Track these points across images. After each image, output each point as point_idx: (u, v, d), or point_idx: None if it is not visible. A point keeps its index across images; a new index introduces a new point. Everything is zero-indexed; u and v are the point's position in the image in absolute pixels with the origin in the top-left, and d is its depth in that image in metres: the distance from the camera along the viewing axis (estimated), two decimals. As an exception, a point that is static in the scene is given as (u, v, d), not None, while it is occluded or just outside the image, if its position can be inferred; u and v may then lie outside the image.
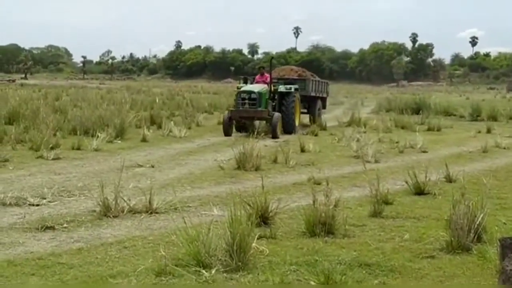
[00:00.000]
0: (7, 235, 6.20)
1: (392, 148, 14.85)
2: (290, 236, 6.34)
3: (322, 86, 23.18)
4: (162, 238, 6.14)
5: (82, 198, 8.20)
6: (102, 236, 6.27)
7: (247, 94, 17.74)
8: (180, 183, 9.68)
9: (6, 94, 30.05)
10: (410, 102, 31.30)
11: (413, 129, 19.30)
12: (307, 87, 21.09)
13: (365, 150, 13.10)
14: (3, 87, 44.70)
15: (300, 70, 23.25)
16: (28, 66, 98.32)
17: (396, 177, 10.40)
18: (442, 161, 11.12)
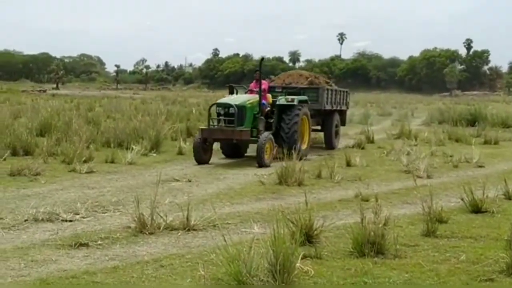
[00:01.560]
0: (40, 252, 6.32)
1: (445, 163, 14.66)
2: (336, 256, 6.31)
3: (340, 97, 19.24)
4: (201, 256, 6.17)
5: (116, 214, 8.32)
6: (137, 254, 6.34)
7: (223, 108, 14.34)
8: (219, 198, 9.73)
9: (37, 104, 30.70)
10: (464, 113, 30.85)
11: (469, 142, 19.05)
12: (320, 98, 17.40)
13: (417, 165, 12.96)
14: (34, 97, 45.72)
15: (312, 76, 19.32)
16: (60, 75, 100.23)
17: (451, 194, 10.27)
18: (500, 176, 10.94)
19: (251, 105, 14.53)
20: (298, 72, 20.29)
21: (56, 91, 70.63)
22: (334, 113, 18.69)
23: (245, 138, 14.22)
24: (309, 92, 17.17)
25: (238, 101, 14.38)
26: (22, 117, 22.46)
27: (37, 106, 28.05)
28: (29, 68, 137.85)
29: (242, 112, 14.25)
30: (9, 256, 6.10)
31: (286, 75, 20.03)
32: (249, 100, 14.64)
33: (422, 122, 31.37)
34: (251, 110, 14.53)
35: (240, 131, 14.04)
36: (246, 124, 14.30)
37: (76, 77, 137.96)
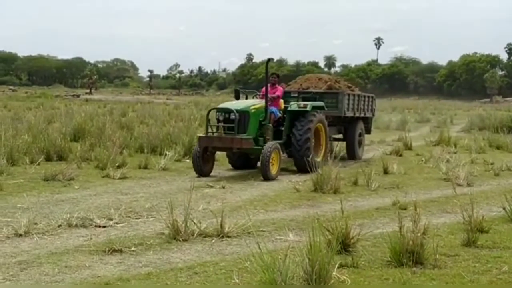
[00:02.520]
0: (73, 257, 6.39)
1: (486, 171, 14.47)
2: (374, 265, 6.26)
3: (364, 103, 17.81)
4: (235, 264, 6.19)
5: (150, 220, 8.38)
6: (171, 261, 6.38)
7: (222, 114, 13.19)
8: (253, 205, 9.75)
9: (71, 109, 31.13)
10: (505, 119, 30.40)
11: (510, 150, 18.78)
12: (340, 104, 16.06)
13: (456, 172, 12.81)
14: (67, 102, 46.37)
15: (332, 80, 17.55)
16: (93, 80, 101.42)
17: (492, 203, 10.13)
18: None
19: (255, 111, 13.33)
20: (317, 75, 18.74)
21: (89, 96, 71.48)
22: (357, 121, 17.42)
23: (247, 146, 12.92)
24: (327, 98, 16.05)
25: (240, 106, 13.26)
26: (56, 122, 22.78)
27: (71, 111, 28.44)
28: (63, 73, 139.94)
29: (245, 118, 13.05)
30: (43, 262, 6.18)
31: (303, 78, 18.39)
32: (254, 105, 13.50)
33: (461, 129, 31.03)
34: (255, 116, 13.32)
35: (241, 139, 12.74)
36: (249, 132, 13.05)
37: (109, 82, 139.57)
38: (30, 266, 6.02)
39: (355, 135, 17.23)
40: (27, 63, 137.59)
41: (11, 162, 12.87)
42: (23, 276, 5.70)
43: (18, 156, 13.44)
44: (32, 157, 13.56)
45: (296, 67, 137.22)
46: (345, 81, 18.73)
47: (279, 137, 13.95)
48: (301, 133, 13.79)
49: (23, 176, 11.79)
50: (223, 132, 12.91)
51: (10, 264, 6.06)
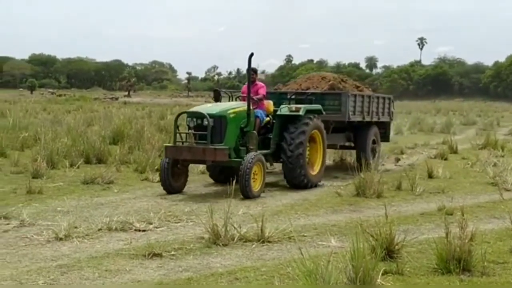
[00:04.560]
0: (114, 261, 6.46)
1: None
2: (419, 272, 6.18)
3: (378, 105, 15.67)
4: (276, 269, 6.17)
5: (189, 224, 8.43)
6: (211, 266, 6.40)
7: (194, 119, 11.10)
8: (294, 210, 9.73)
9: (109, 112, 31.52)
10: (556, 121, 29.80)
11: (561, 153, 18.35)
12: (343, 107, 13.86)
13: (504, 177, 12.61)
14: (106, 105, 46.98)
15: (337, 79, 15.40)
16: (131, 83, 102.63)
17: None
18: None
19: (235, 116, 11.23)
20: (321, 74, 16.23)
21: (127, 99, 72.32)
22: (370, 126, 15.36)
23: (221, 159, 10.78)
24: (329, 99, 13.99)
25: (215, 110, 11.14)
26: (95, 125, 23.10)
27: (110, 114, 28.80)
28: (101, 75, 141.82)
29: (221, 125, 10.98)
30: (83, 266, 6.26)
31: (304, 78, 16.29)
32: (233, 108, 11.38)
33: (509, 132, 30.49)
34: (235, 122, 11.23)
35: (214, 149, 10.64)
36: (227, 141, 10.98)
37: (147, 85, 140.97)
38: (71, 270, 6.10)
39: (367, 142, 15.15)
40: (66, 65, 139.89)
41: (51, 165, 13.08)
42: (64, 280, 5.78)
43: (57, 159, 13.65)
44: (71, 160, 13.78)
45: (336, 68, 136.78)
46: (355, 81, 16.75)
47: (266, 146, 12.03)
48: (293, 136, 11.85)
49: (62, 179, 11.97)
50: (193, 142, 10.85)
51: (51, 268, 6.16)
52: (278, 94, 14.22)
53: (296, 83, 15.92)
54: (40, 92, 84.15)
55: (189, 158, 10.95)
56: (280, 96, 13.89)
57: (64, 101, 54.09)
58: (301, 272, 5.36)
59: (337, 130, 14.51)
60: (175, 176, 11.11)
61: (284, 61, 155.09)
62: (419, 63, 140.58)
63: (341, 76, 16.18)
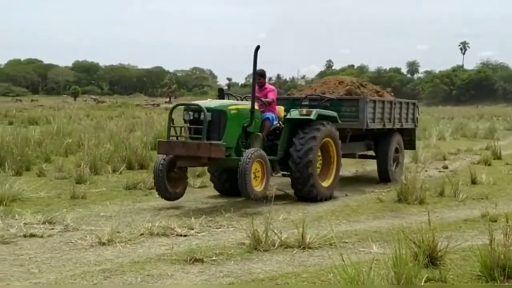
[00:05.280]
0: (156, 266, 6.52)
1: None
2: (462, 279, 6.10)
3: (401, 111, 14.58)
4: (318, 276, 6.15)
5: (230, 230, 8.46)
6: (252, 271, 6.41)
7: (190, 113, 10.33)
8: (334, 215, 9.69)
9: (151, 118, 31.82)
10: None
11: None
12: (361, 114, 12.82)
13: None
14: (148, 111, 47.43)
15: (356, 83, 14.37)
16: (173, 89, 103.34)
17: None
18: None
19: (236, 113, 10.42)
20: (338, 78, 15.13)
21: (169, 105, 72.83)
22: (392, 134, 14.32)
23: (217, 155, 9.88)
24: (346, 105, 12.99)
25: (214, 104, 10.40)
26: (137, 131, 23.33)
27: (151, 120, 29.05)
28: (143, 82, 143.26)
29: (220, 120, 10.19)
30: (126, 270, 6.33)
31: (320, 82, 15.25)
32: (235, 105, 10.64)
33: (555, 137, 29.89)
34: (236, 119, 10.40)
35: (210, 145, 9.78)
36: (226, 138, 10.14)
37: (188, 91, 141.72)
38: (114, 275, 6.17)
39: (389, 151, 14.09)
40: (109, 72, 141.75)
41: (94, 171, 13.27)
42: (107, 284, 5.85)
43: (100, 164, 13.84)
44: (114, 165, 13.96)
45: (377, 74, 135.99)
46: (375, 85, 15.47)
47: (274, 152, 11.10)
48: (302, 142, 10.87)
49: (105, 184, 12.13)
50: (188, 136, 10.07)
51: (94, 272, 6.24)
52: (291, 100, 13.26)
53: (311, 88, 14.79)
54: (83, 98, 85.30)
55: (182, 154, 10.00)
56: (293, 102, 12.87)
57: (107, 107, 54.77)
58: (343, 278, 5.33)
59: (356, 138, 13.63)
60: (171, 182, 10.22)
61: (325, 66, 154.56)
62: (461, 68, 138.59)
63: (360, 80, 15.25)
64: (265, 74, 11.78)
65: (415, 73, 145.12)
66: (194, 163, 10.53)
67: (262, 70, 11.56)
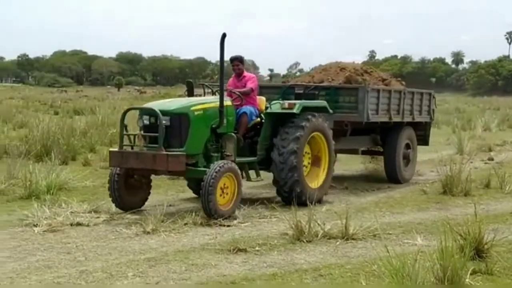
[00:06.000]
0: (200, 256, 6.57)
1: None
2: (509, 272, 6.00)
3: (413, 102, 13.01)
4: (361, 267, 6.13)
5: (273, 220, 8.47)
6: (295, 262, 6.41)
7: (142, 117, 8.95)
8: (378, 207, 9.64)
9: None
10: None
11: None
12: (360, 104, 11.33)
13: None
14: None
15: (359, 70, 12.78)
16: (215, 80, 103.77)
17: None
18: None
19: (200, 113, 8.91)
20: (340, 64, 13.23)
21: (211, 96, 73.10)
22: (402, 127, 12.79)
23: (175, 168, 8.52)
24: (344, 95, 11.54)
25: (174, 106, 8.88)
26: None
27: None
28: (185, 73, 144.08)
29: (180, 125, 8.72)
30: (170, 259, 6.40)
31: (319, 69, 13.68)
32: (200, 104, 9.07)
33: None
34: (201, 121, 8.91)
35: (166, 156, 8.37)
36: (189, 145, 8.70)
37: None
38: (158, 263, 6.24)
39: (398, 147, 12.53)
40: (152, 63, 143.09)
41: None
42: (152, 273, 5.92)
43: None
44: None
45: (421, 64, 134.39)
46: (382, 72, 14.08)
47: (254, 152, 9.78)
48: (284, 144, 9.52)
49: (149, 174, 12.22)
50: (142, 146, 8.70)
51: (139, 261, 6.32)
52: (285, 89, 11.83)
53: (309, 75, 13.51)
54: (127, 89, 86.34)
55: (137, 166, 8.64)
56: (286, 91, 11.57)
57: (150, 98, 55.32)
58: (387, 270, 5.30)
59: (359, 132, 12.22)
60: (130, 190, 8.96)
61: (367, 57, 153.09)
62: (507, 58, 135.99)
63: (365, 67, 13.49)
64: (243, 60, 10.22)
65: (460, 64, 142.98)
66: (153, 174, 9.14)
67: (240, 56, 10.11)
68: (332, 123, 10.64)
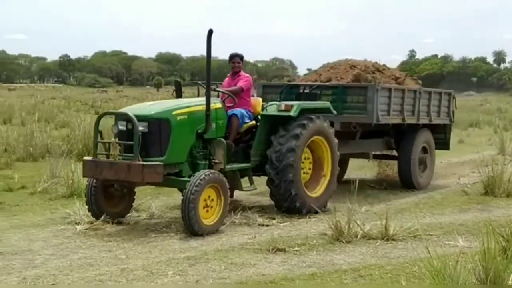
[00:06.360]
0: (239, 255, 6.59)
1: None
2: (554, 275, 5.89)
3: (428, 103, 12.03)
4: (402, 268, 6.08)
5: (312, 220, 8.46)
6: (335, 262, 6.39)
7: (116, 123, 7.96)
8: (418, 208, 9.56)
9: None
10: None
11: None
12: (369, 104, 10.47)
13: None
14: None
15: (370, 68, 11.82)
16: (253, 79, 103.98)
17: None
18: None
19: (184, 118, 8.04)
20: (350, 62, 12.31)
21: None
22: (418, 130, 11.91)
23: (152, 180, 7.71)
24: (352, 94, 10.70)
25: (153, 111, 8.00)
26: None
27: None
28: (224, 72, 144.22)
29: (160, 131, 7.85)
30: (210, 258, 6.43)
31: (328, 67, 12.72)
32: (186, 107, 8.18)
33: None
34: (184, 126, 8.05)
35: (142, 166, 7.44)
36: (171, 154, 7.89)
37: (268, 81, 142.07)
38: (198, 262, 6.28)
39: (415, 151, 11.68)
40: (190, 63, 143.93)
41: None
42: (192, 271, 5.96)
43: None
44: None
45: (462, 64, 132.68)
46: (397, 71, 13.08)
47: (248, 158, 8.93)
48: (282, 141, 8.77)
49: (188, 174, 12.29)
50: (117, 155, 7.72)
51: (179, 260, 6.37)
52: (286, 88, 11.19)
53: (317, 73, 12.49)
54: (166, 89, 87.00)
55: (111, 177, 7.76)
56: (291, 91, 10.95)
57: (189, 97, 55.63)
58: (428, 271, 5.24)
59: (371, 135, 11.54)
60: (110, 200, 8.23)
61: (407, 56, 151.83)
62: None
63: (377, 64, 12.31)
64: (243, 59, 9.48)
65: (501, 63, 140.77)
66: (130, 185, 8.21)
67: (241, 54, 9.45)
68: (339, 124, 10.22)
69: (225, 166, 8.32)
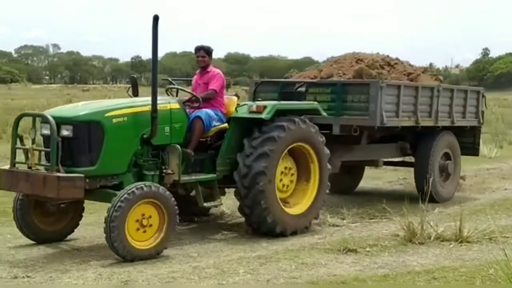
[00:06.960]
0: (309, 255, 6.58)
1: None
2: None
3: (450, 102, 10.45)
4: (477, 270, 5.94)
5: (383, 221, 8.39)
6: (407, 264, 6.30)
7: (35, 127, 6.80)
8: (494, 209, 9.35)
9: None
10: None
11: None
12: (372, 104, 9.03)
13: None
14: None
15: (378, 62, 10.57)
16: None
17: None
18: None
19: (122, 120, 6.75)
20: (357, 55, 10.91)
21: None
22: (439, 134, 10.37)
23: (69, 195, 6.41)
24: (352, 93, 9.28)
25: (82, 112, 6.74)
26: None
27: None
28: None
29: (90, 136, 6.61)
30: (280, 258, 6.44)
31: (331, 61, 11.24)
32: (123, 108, 6.87)
33: None
34: (125, 130, 6.79)
35: (57, 179, 6.19)
36: (105, 162, 6.61)
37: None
38: (269, 261, 6.30)
39: (434, 157, 10.14)
40: (259, 64, 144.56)
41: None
42: (262, 270, 5.98)
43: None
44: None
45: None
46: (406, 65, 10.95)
47: (211, 167, 7.54)
48: (255, 144, 7.39)
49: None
50: (33, 164, 6.61)
51: (250, 259, 6.41)
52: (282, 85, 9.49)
53: (318, 69, 11.03)
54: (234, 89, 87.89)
55: (26, 191, 6.58)
56: (286, 88, 9.25)
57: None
58: (505, 274, 5.13)
59: (382, 139, 10.24)
60: (45, 216, 7.01)
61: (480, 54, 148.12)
62: None
63: (388, 58, 10.86)
64: (211, 52, 8.08)
65: None
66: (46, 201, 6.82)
67: (208, 46, 8.06)
68: (338, 127, 9.01)
69: (180, 178, 7.03)
